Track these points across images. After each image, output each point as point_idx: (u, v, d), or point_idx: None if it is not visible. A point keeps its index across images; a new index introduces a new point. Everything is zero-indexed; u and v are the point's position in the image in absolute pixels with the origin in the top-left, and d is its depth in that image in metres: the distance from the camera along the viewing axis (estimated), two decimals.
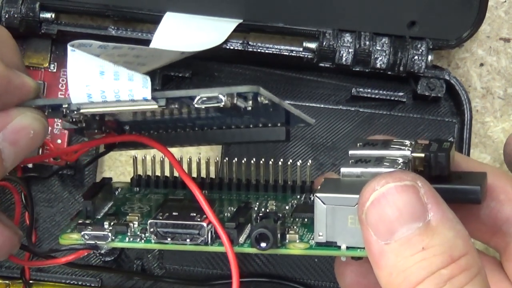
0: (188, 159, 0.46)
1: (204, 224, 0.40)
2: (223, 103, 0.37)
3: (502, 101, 0.54)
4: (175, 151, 0.48)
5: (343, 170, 0.40)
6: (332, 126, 0.53)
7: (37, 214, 0.53)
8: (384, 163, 0.39)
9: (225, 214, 0.44)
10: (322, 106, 0.53)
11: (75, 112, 0.39)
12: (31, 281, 0.52)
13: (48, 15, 0.51)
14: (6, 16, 0.50)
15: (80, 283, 0.53)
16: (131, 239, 0.42)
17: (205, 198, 0.41)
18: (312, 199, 0.44)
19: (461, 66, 0.54)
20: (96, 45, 0.40)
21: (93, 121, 0.42)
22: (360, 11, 0.50)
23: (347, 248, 0.39)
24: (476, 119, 0.54)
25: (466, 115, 0.51)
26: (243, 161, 0.46)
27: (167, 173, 0.47)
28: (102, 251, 0.42)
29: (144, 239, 0.42)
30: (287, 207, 0.44)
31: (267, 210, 0.44)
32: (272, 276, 0.52)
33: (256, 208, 0.44)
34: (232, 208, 0.44)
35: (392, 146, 0.41)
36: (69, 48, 0.39)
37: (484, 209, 0.42)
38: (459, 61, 0.54)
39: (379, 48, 0.50)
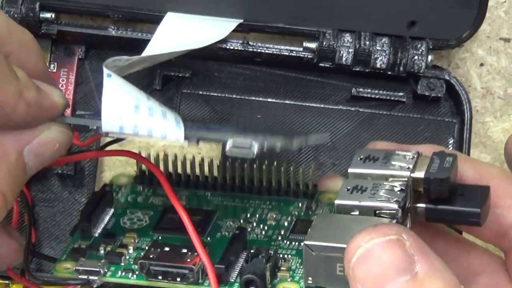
0: (192, 157, 0.47)
1: (194, 267, 0.41)
2: (254, 154, 0.39)
3: (502, 101, 0.54)
4: (177, 150, 0.48)
5: (338, 202, 0.40)
6: (332, 126, 0.53)
7: (37, 214, 0.53)
8: (380, 194, 0.39)
9: (222, 233, 0.44)
10: (322, 106, 0.53)
11: (102, 133, 0.40)
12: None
13: (48, 15, 0.51)
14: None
15: None
16: (123, 273, 0.42)
17: (197, 235, 0.41)
18: (314, 208, 0.45)
19: (461, 66, 0.54)
20: (125, 59, 0.41)
21: None
22: (360, 11, 0.50)
23: None
24: (476, 119, 0.54)
25: (466, 115, 0.51)
26: (245, 165, 0.46)
27: (170, 169, 0.48)
28: (94, 286, 0.43)
29: (136, 274, 0.42)
30: (285, 224, 0.44)
31: (265, 227, 0.44)
32: None
33: (254, 223, 0.44)
34: (231, 223, 0.44)
35: (393, 162, 0.40)
36: (105, 72, 0.40)
37: (489, 215, 0.41)
38: (459, 61, 0.54)
39: (379, 48, 0.50)
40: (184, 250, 0.41)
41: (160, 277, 0.41)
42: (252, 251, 0.42)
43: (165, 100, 0.53)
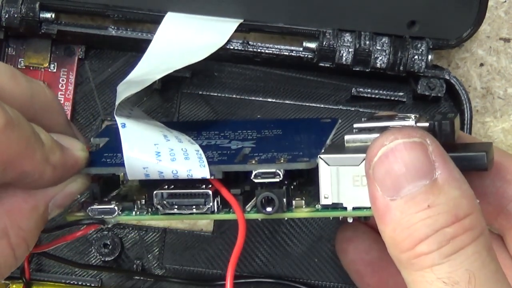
0: None
1: (210, 192, 0.40)
2: (280, 178, 0.39)
3: (502, 101, 0.54)
4: None
5: (347, 137, 0.40)
6: None
7: None
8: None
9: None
10: (322, 106, 0.53)
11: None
12: (31, 281, 0.52)
13: (48, 15, 0.51)
14: (6, 16, 0.50)
15: (80, 283, 0.53)
16: (138, 212, 0.42)
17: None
18: None
19: (461, 66, 0.54)
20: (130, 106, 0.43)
21: None
22: (360, 10, 0.50)
23: (353, 208, 0.39)
24: (476, 119, 0.54)
25: (466, 115, 0.51)
26: None
27: None
28: (109, 226, 0.42)
29: (151, 211, 0.42)
30: (294, 183, 0.44)
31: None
32: (272, 276, 0.52)
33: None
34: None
35: (396, 119, 0.40)
36: (118, 123, 0.41)
37: (490, 188, 0.42)
38: (459, 61, 0.54)
39: (379, 48, 0.50)
40: (199, 184, 0.41)
41: (175, 208, 0.41)
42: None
43: (165, 100, 0.53)
